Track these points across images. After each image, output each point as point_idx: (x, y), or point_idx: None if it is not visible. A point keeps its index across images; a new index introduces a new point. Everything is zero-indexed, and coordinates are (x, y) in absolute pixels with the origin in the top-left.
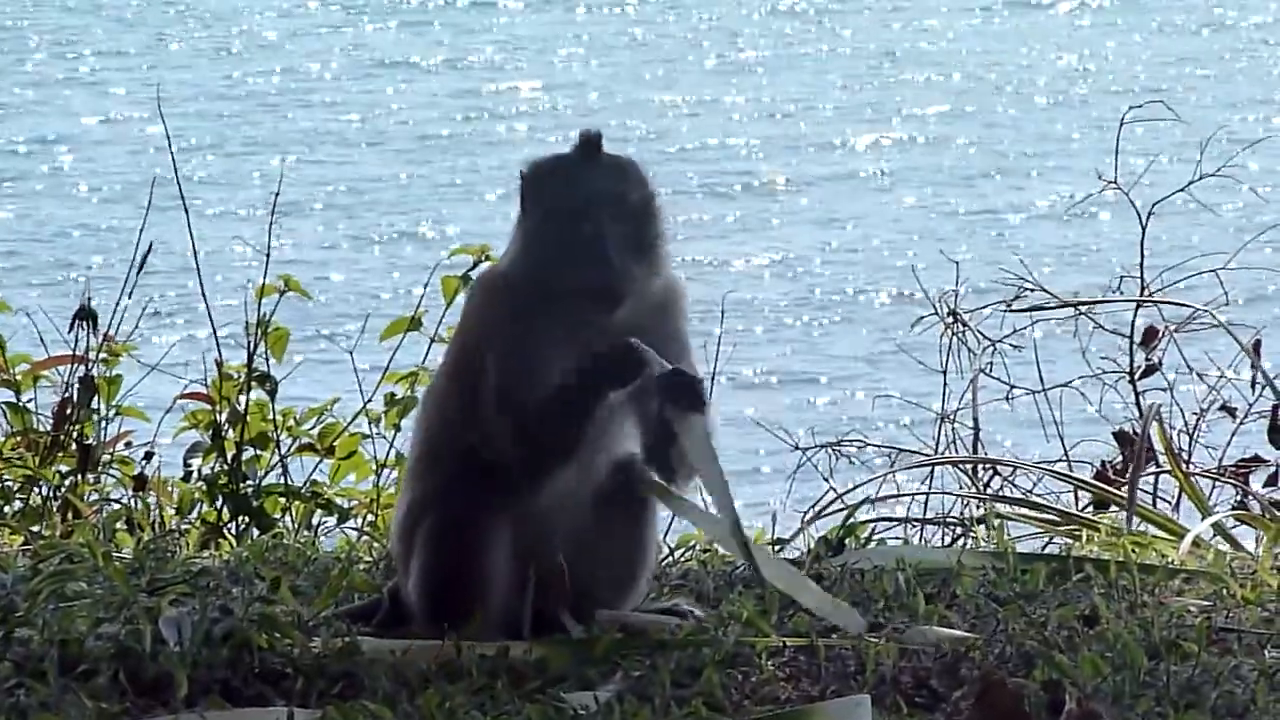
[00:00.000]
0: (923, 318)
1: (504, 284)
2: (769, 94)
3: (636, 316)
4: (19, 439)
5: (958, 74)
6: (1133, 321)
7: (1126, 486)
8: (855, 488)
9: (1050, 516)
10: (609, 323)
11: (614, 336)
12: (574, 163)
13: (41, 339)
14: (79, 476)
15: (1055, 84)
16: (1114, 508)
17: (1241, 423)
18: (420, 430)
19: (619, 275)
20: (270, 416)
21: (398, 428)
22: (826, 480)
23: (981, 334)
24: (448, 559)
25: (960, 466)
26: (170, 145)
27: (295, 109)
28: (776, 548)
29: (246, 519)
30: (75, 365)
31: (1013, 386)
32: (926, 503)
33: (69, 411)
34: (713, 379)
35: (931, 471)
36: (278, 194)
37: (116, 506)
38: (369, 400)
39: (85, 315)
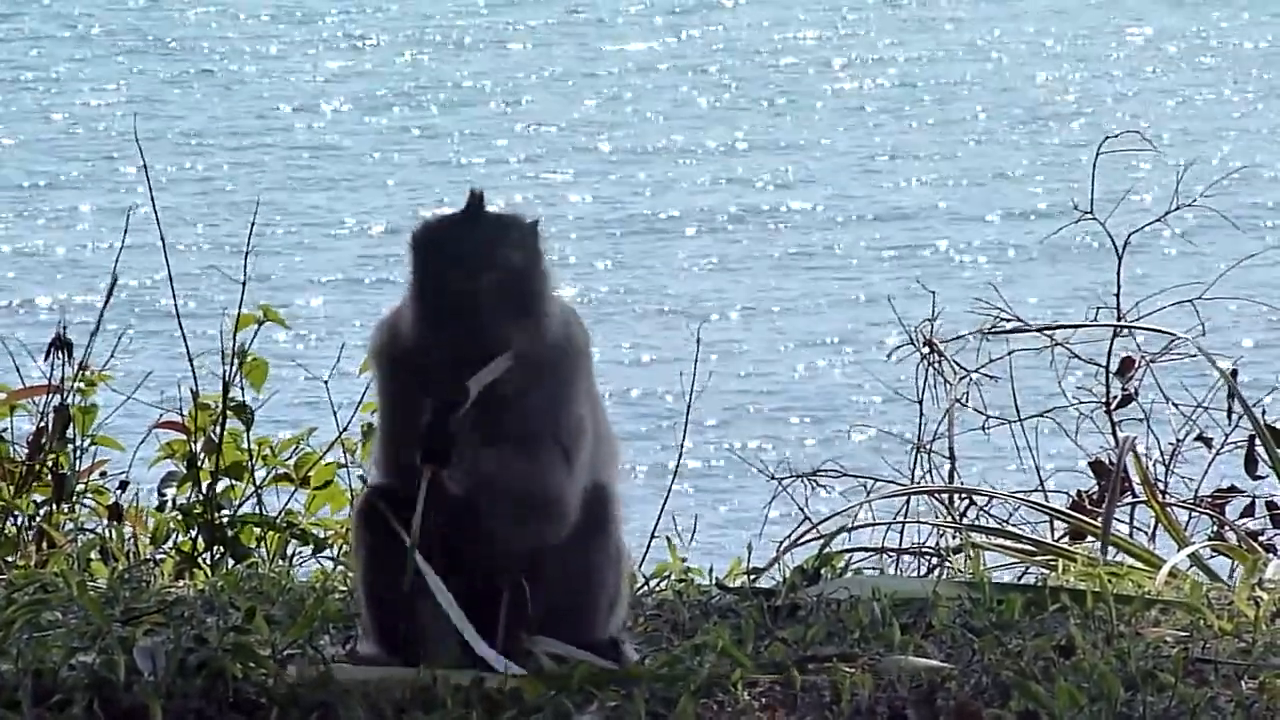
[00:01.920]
0: (898, 347)
1: (388, 336)
2: (743, 129)
3: (515, 376)
4: None
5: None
6: (1109, 351)
7: (1101, 516)
8: (831, 517)
9: (1026, 546)
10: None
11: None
12: (454, 223)
13: (17, 368)
14: (54, 506)
15: (1032, 109)
16: (1090, 538)
17: (1218, 453)
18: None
19: (488, 334)
20: (246, 446)
21: None
22: (802, 510)
23: (957, 364)
24: (380, 582)
25: (936, 496)
26: (148, 177)
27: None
28: (751, 577)
29: (221, 549)
30: (51, 395)
31: (989, 416)
32: (903, 532)
33: (44, 441)
34: (688, 410)
35: (907, 501)
36: (254, 222)
37: (91, 536)
38: (344, 429)
39: (61, 345)
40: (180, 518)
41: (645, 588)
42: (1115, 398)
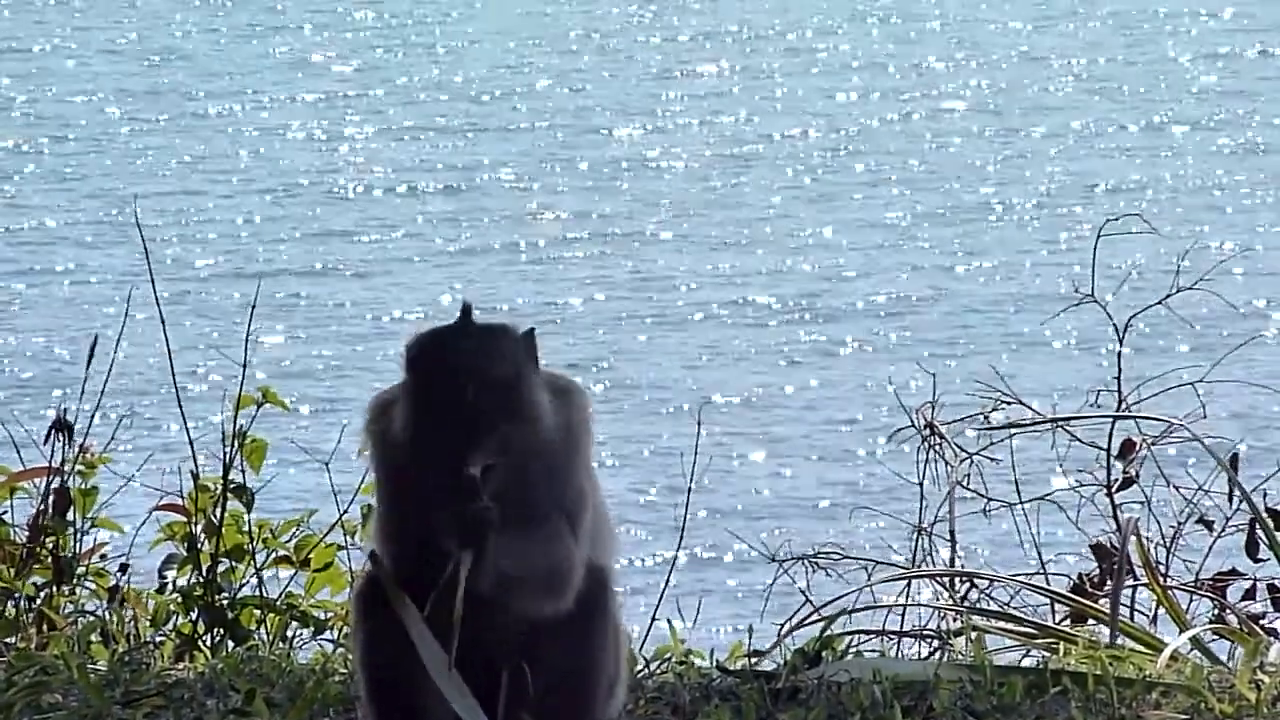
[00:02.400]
0: (899, 429)
1: (383, 419)
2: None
3: (512, 468)
4: None
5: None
6: (1110, 434)
7: (1108, 600)
8: (832, 600)
9: (1028, 629)
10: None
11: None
12: (443, 337)
13: (17, 449)
14: (54, 588)
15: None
16: (1091, 620)
17: (1219, 536)
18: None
19: (478, 445)
20: (246, 528)
21: None
22: (803, 592)
23: (959, 446)
24: (380, 664)
25: (938, 579)
26: (148, 256)
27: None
28: (752, 660)
29: (221, 631)
30: (51, 477)
31: (990, 499)
32: (904, 615)
33: (44, 523)
34: (689, 492)
35: (909, 584)
36: (254, 305)
37: (91, 618)
38: (345, 511)
39: (61, 426)
40: (180, 600)
41: (646, 670)
42: (1116, 480)
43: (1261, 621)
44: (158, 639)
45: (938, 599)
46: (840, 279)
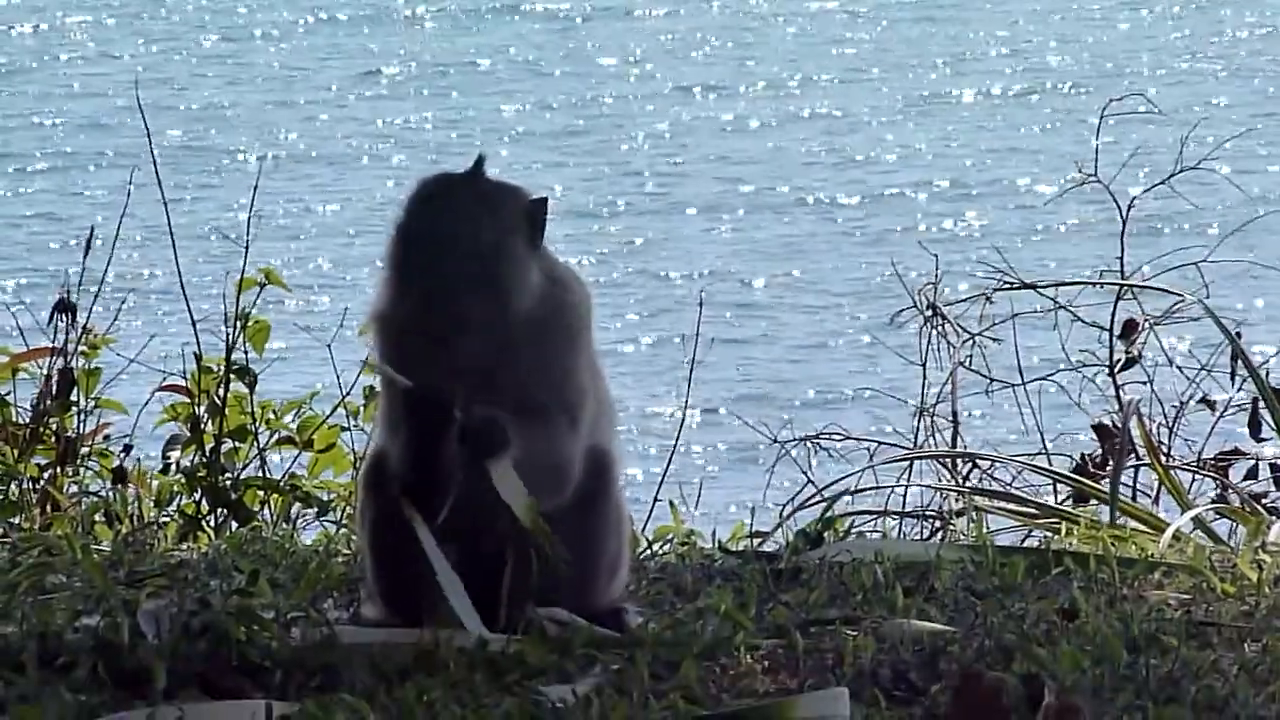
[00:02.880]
0: (901, 310)
1: (377, 314)
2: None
3: (506, 344)
4: None
5: (938, 65)
6: (1113, 314)
7: (1108, 481)
8: (834, 481)
9: (1030, 510)
10: (449, 356)
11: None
12: (434, 192)
13: (20, 330)
14: (58, 469)
15: (1032, 73)
16: (1093, 501)
17: (1221, 416)
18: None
19: (455, 309)
20: (249, 409)
21: None
22: (805, 473)
23: (961, 327)
24: (385, 545)
25: (940, 460)
26: (150, 141)
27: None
28: (754, 541)
29: (225, 512)
30: (54, 358)
31: (992, 380)
32: (905, 496)
33: (47, 404)
34: (690, 372)
35: (911, 465)
36: (256, 185)
37: (95, 499)
38: (348, 393)
39: (64, 308)
40: (184, 481)
41: (648, 551)
42: (1119, 360)
43: (1263, 501)
44: (161, 520)
45: (939, 480)
46: (846, 164)
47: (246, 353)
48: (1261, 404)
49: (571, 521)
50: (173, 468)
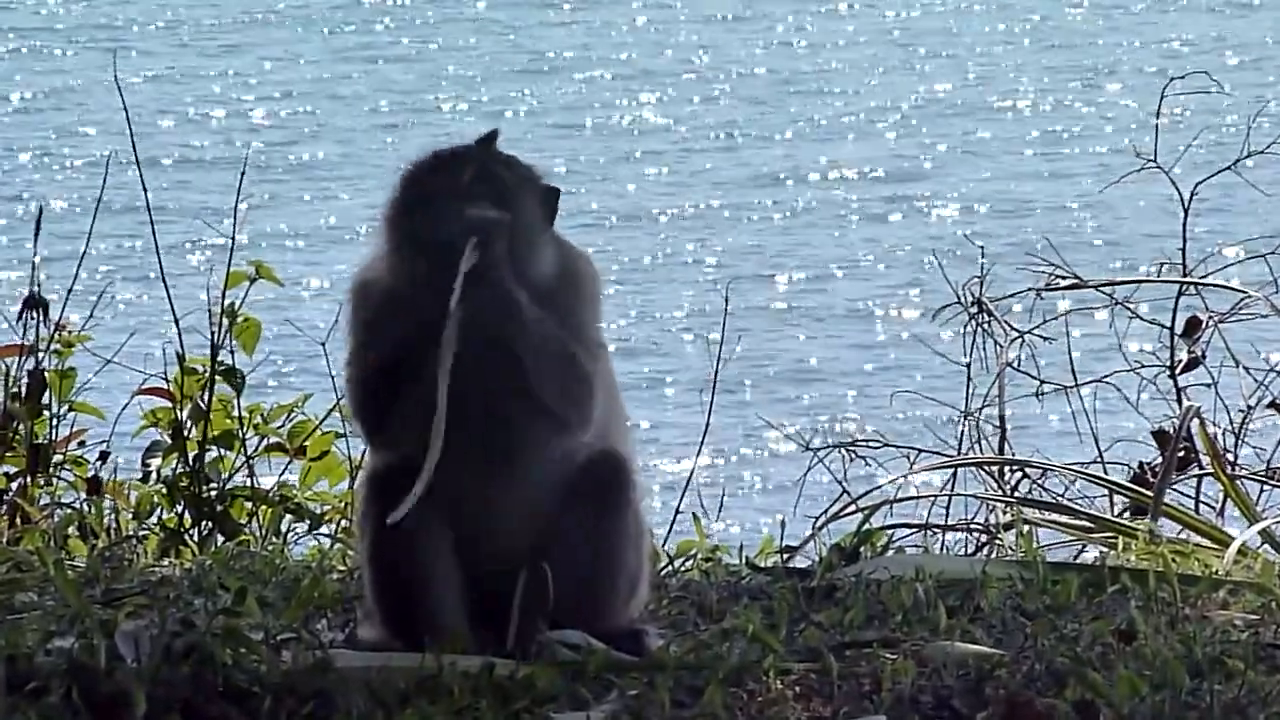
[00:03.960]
0: (945, 307)
1: (355, 281)
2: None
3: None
4: None
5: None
6: (1174, 311)
7: (1154, 488)
8: (871, 491)
9: (1083, 523)
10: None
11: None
12: (447, 155)
13: None
14: (28, 478)
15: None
16: (1153, 514)
17: None
18: None
19: (474, 220)
20: (236, 414)
21: None
22: (840, 483)
23: (1009, 325)
24: (386, 564)
25: (985, 468)
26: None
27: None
28: (785, 556)
29: (210, 524)
30: (24, 357)
31: (1043, 382)
32: (949, 507)
33: (16, 408)
34: (715, 374)
35: (954, 473)
36: (243, 173)
37: (69, 511)
38: (343, 397)
39: (34, 303)
40: (165, 491)
41: (669, 567)
42: (1180, 361)
43: None
44: (141, 533)
45: (985, 490)
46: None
47: (234, 353)
48: None
49: (587, 532)
50: (153, 477)
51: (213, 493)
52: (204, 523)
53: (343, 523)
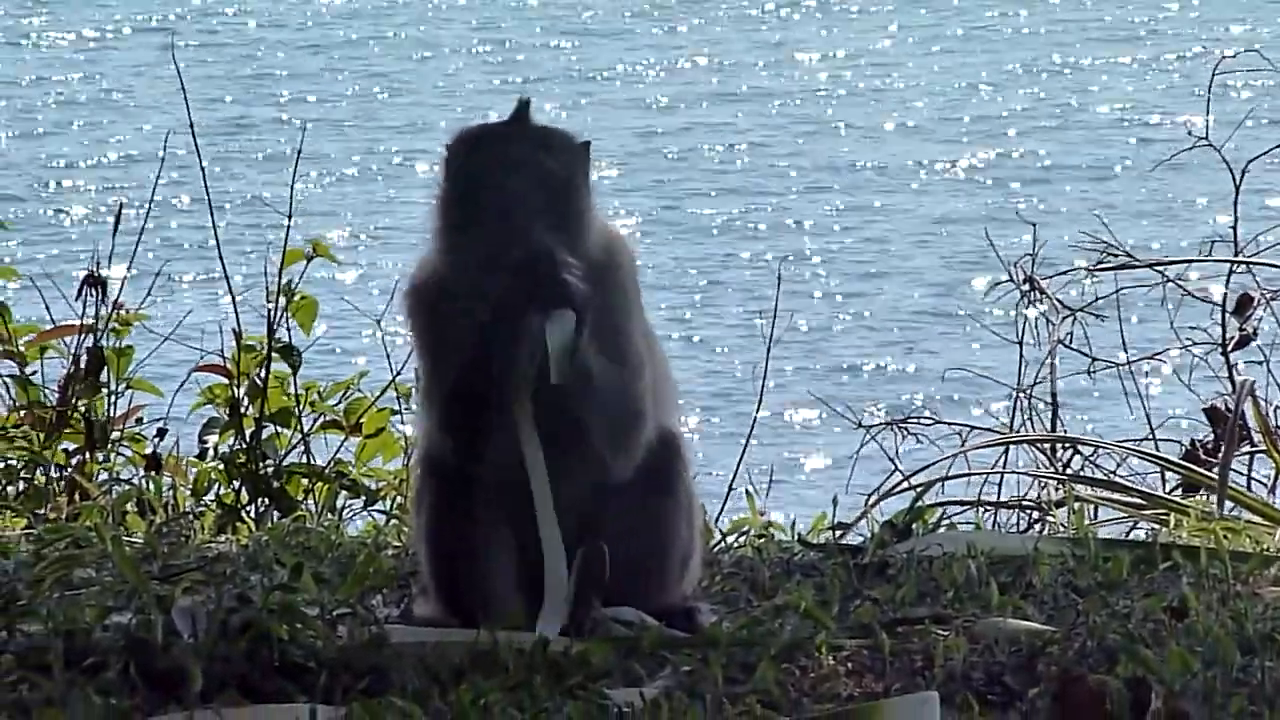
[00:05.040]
0: (997, 283)
1: (417, 286)
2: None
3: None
4: (23, 414)
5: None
6: (1225, 289)
7: (1218, 467)
8: (923, 468)
9: (1135, 500)
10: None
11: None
12: (493, 133)
13: (47, 306)
14: (87, 455)
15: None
16: (1204, 490)
17: None
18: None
19: (534, 247)
20: (292, 391)
21: None
22: (892, 460)
23: (1060, 302)
24: (447, 541)
25: (1037, 445)
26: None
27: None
28: (837, 533)
29: (266, 501)
30: (83, 335)
31: (1094, 359)
32: (1000, 484)
33: (76, 385)
34: (768, 353)
35: (1006, 451)
36: (300, 150)
37: (127, 487)
38: (398, 374)
39: (93, 282)
40: (222, 468)
41: (722, 544)
42: (1232, 338)
43: None
44: (198, 509)
45: (1037, 467)
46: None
47: (291, 331)
48: None
49: (640, 509)
50: (210, 454)
51: (269, 469)
52: (260, 499)
53: (398, 499)
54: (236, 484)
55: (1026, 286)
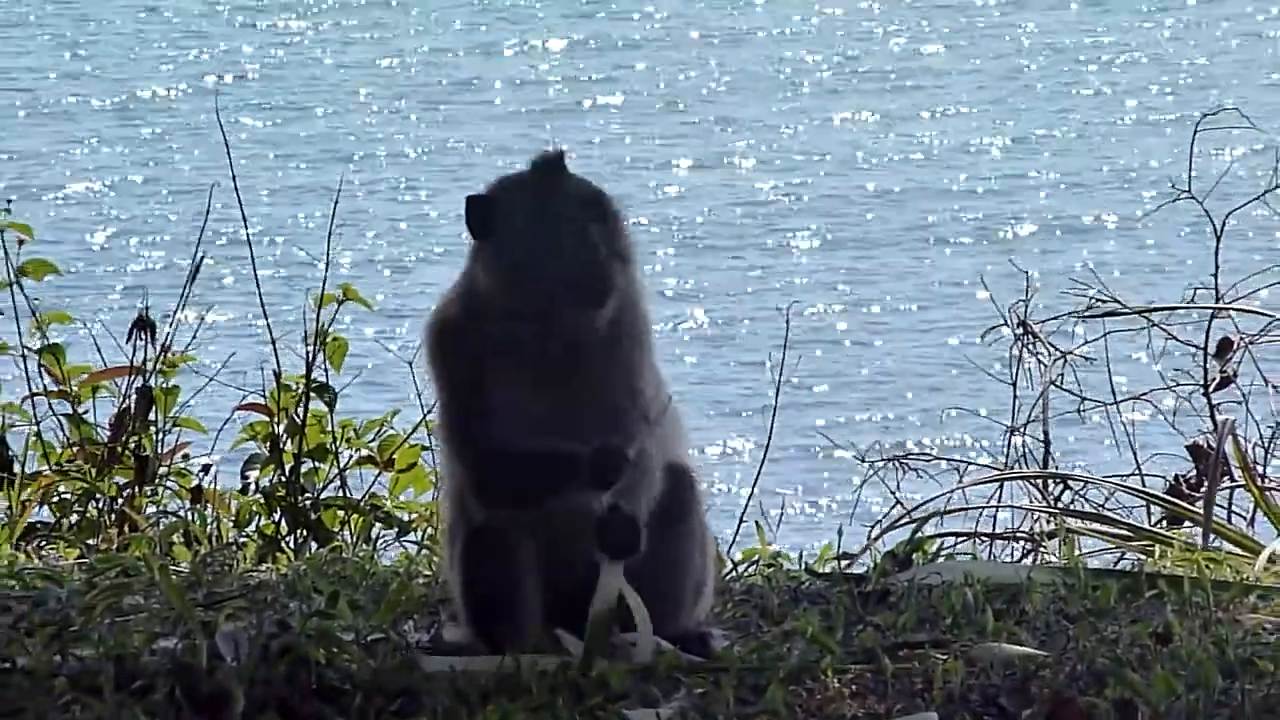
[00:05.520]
0: (993, 328)
1: (450, 320)
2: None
3: (596, 333)
4: (76, 450)
5: (1026, 77)
6: (1207, 332)
7: (1202, 502)
8: (923, 502)
9: (1122, 532)
10: (592, 319)
11: (567, 364)
12: (540, 180)
13: (98, 348)
14: (136, 489)
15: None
16: (1188, 523)
17: None
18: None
19: (606, 269)
20: (329, 428)
21: None
22: (893, 494)
23: (1052, 345)
24: (479, 574)
25: (1030, 481)
26: (230, 157)
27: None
28: (842, 563)
29: (304, 532)
30: (133, 376)
31: (1084, 399)
32: (995, 517)
33: (126, 423)
34: (777, 390)
35: (1001, 486)
36: (337, 201)
37: (173, 519)
38: (429, 411)
39: (143, 325)
40: (263, 501)
41: (733, 573)
42: (1214, 380)
43: None
44: (240, 540)
45: (1030, 501)
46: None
47: (326, 371)
48: None
49: (655, 541)
50: (252, 487)
51: (307, 502)
52: (299, 530)
53: (429, 530)
54: (276, 516)
55: (1020, 330)
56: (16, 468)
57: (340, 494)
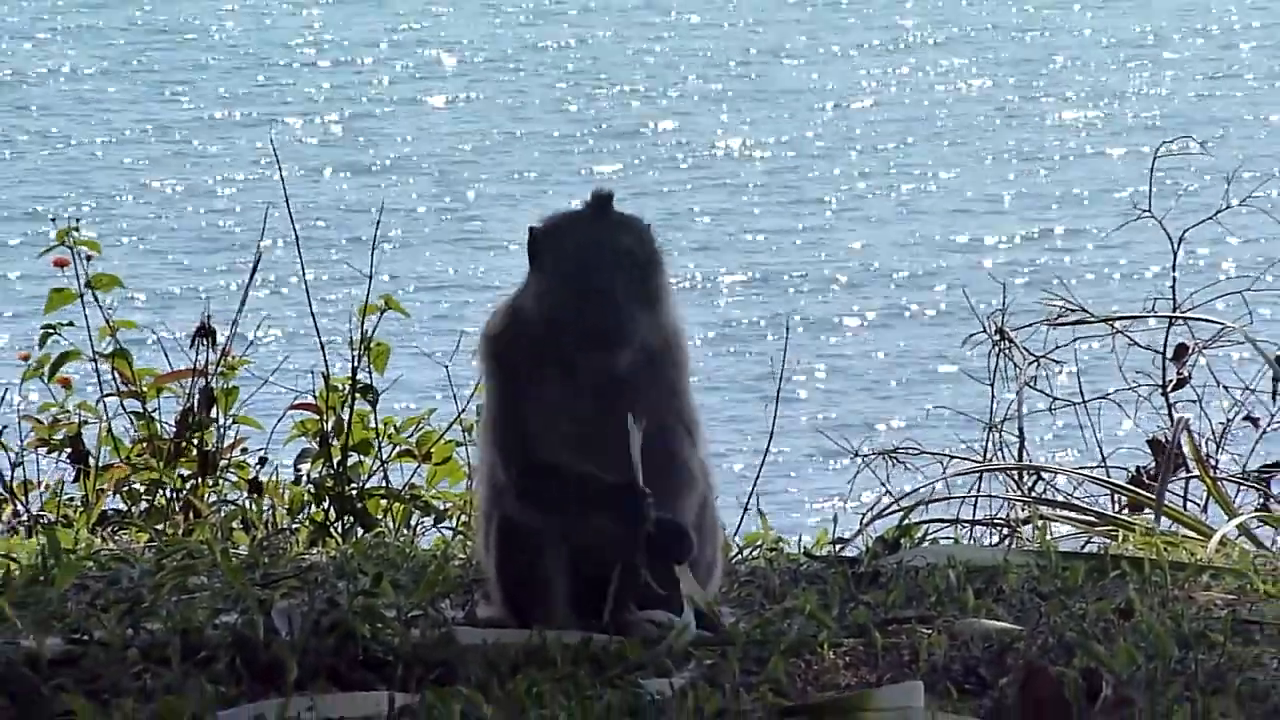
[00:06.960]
0: (972, 335)
1: (501, 333)
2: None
3: (633, 365)
4: (145, 445)
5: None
6: (1165, 339)
7: (1156, 490)
8: (910, 492)
9: (1089, 518)
10: (610, 366)
11: (609, 384)
12: (587, 220)
13: (165, 353)
14: (199, 480)
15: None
16: (1147, 510)
17: (1264, 432)
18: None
19: (625, 319)
20: (372, 425)
21: None
22: (884, 485)
23: (1027, 350)
24: (511, 558)
25: (1007, 472)
26: (280, 172)
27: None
28: (837, 547)
29: (351, 519)
30: (196, 378)
31: (1055, 399)
32: (976, 505)
33: (190, 420)
34: (778, 392)
35: (980, 477)
36: (379, 220)
37: (233, 507)
38: (463, 410)
39: (205, 332)
40: (313, 491)
41: (739, 556)
42: (1171, 381)
43: None
44: (293, 526)
45: (1007, 491)
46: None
47: (370, 373)
48: None
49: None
50: (303, 479)
51: (353, 492)
52: (346, 517)
53: (463, 517)
54: (326, 504)
55: (998, 337)
56: (92, 461)
57: (383, 484)
